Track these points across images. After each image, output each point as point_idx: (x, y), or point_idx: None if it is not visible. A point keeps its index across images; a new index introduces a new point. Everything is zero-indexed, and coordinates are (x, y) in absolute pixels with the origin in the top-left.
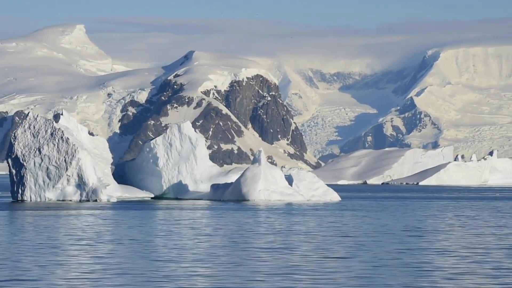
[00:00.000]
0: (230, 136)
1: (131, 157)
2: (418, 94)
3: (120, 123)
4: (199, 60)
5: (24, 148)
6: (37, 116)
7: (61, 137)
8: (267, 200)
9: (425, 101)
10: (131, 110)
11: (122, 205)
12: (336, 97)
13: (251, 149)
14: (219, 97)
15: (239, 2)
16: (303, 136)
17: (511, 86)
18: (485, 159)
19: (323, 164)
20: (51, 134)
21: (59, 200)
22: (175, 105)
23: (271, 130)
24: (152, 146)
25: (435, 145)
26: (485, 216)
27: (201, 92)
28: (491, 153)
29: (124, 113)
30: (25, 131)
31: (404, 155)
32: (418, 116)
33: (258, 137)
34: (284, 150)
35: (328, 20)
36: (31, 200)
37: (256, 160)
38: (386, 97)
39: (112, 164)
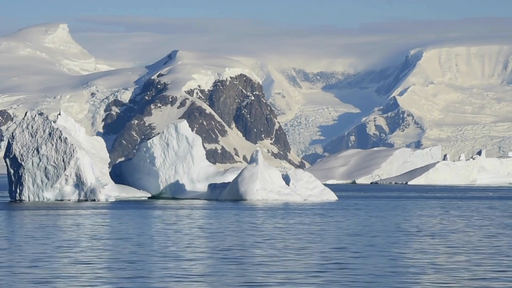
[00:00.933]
0: (213, 136)
1: (114, 157)
2: (401, 94)
3: (103, 122)
4: (182, 60)
5: (22, 148)
6: (35, 116)
7: (59, 137)
8: (265, 199)
9: (408, 101)
10: (115, 110)
11: (122, 205)
12: (319, 96)
13: (235, 149)
14: (202, 97)
15: (222, 1)
16: (287, 136)
17: (493, 85)
18: (473, 158)
19: (306, 163)
20: (49, 134)
21: (57, 200)
22: (158, 104)
23: (255, 130)
24: (149, 145)
25: (418, 145)
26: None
27: (185, 91)
28: (479, 153)
29: (107, 112)
30: (23, 131)
31: (393, 155)
32: (401, 115)
33: (242, 137)
34: (268, 150)
35: (311, 20)
36: (29, 200)
37: (253, 160)
38: (369, 96)
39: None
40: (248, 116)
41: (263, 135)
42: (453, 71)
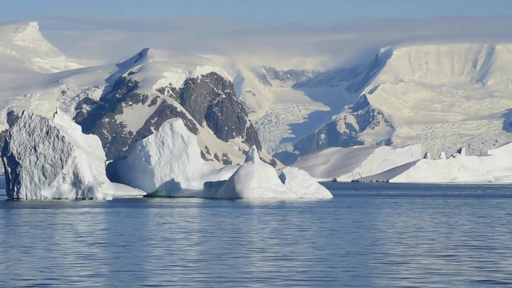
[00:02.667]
0: None
1: None
2: (371, 92)
3: (74, 120)
4: (153, 58)
5: (19, 147)
6: (32, 114)
7: (57, 136)
8: (261, 198)
9: (378, 99)
10: (86, 108)
11: (121, 203)
12: (290, 94)
13: (206, 147)
14: (173, 95)
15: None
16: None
17: (463, 83)
18: (454, 156)
19: (278, 161)
20: (47, 132)
21: (55, 198)
22: (129, 102)
23: (226, 128)
24: (144, 144)
25: (388, 143)
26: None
27: (156, 89)
28: (459, 151)
29: (78, 110)
30: (20, 129)
31: (373, 153)
32: (371, 113)
33: (213, 135)
34: (239, 148)
35: (281, 18)
36: (26, 198)
37: (249, 158)
38: (339, 94)
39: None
40: (219, 114)
41: (234, 133)
42: (423, 69)
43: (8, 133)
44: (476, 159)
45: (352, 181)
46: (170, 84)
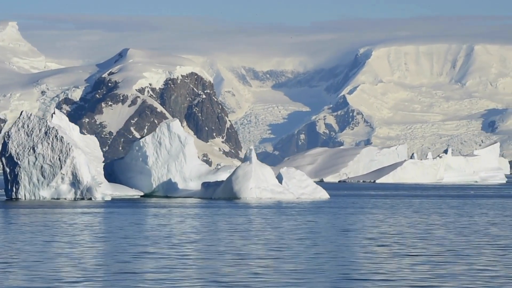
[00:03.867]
0: None
1: None
2: (350, 92)
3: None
4: (133, 58)
5: (18, 147)
6: (31, 115)
7: (55, 136)
8: (258, 198)
9: (358, 99)
10: (65, 108)
11: (120, 203)
12: (269, 95)
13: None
14: (154, 95)
15: None
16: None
17: (442, 84)
18: (440, 157)
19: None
20: (45, 133)
21: (54, 199)
22: (109, 103)
23: (206, 128)
24: (141, 144)
25: (367, 143)
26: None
27: (136, 90)
28: (445, 151)
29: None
30: (18, 130)
31: (360, 153)
32: (351, 114)
33: (193, 135)
34: (219, 148)
35: (261, 18)
36: (25, 199)
37: (247, 158)
38: (319, 95)
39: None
40: (200, 114)
41: (214, 134)
42: (402, 70)
43: (6, 133)
44: (462, 160)
45: (339, 181)
46: (150, 84)
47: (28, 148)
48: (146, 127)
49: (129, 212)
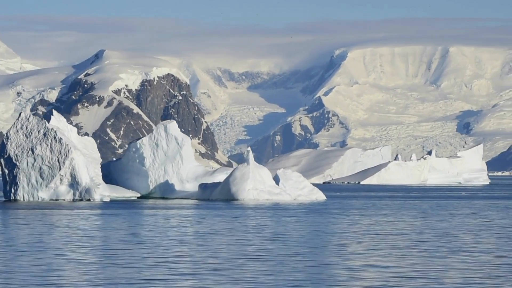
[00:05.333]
0: (141, 135)
1: None
2: (326, 94)
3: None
4: (109, 59)
5: (16, 148)
6: (29, 116)
7: (54, 137)
8: (256, 199)
9: (333, 101)
10: (41, 109)
11: (120, 204)
12: (245, 96)
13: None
14: (130, 96)
15: (146, 0)
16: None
17: (417, 86)
18: (424, 158)
19: (234, 163)
20: (44, 134)
21: (52, 200)
22: (85, 104)
23: (182, 130)
24: (138, 146)
25: (343, 145)
26: None
27: (112, 91)
28: (429, 153)
29: (34, 112)
30: (17, 131)
31: (344, 155)
32: (326, 115)
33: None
34: (195, 150)
35: (236, 19)
36: (24, 200)
37: (244, 160)
38: (294, 96)
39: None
40: (176, 115)
41: (190, 135)
42: (378, 72)
43: (5, 134)
44: (446, 161)
45: (324, 182)
46: (126, 85)
47: (27, 150)
48: (122, 128)
49: (136, 214)
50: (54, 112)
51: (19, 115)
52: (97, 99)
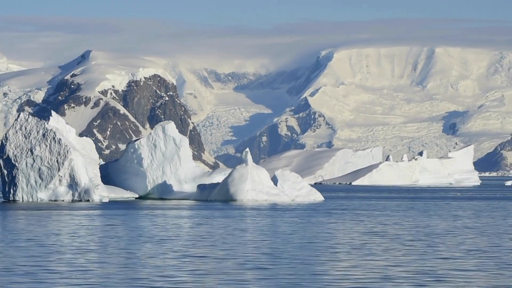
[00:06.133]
0: (128, 136)
1: None
2: (312, 94)
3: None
4: (96, 60)
5: (15, 149)
6: (28, 117)
7: (53, 138)
8: (254, 200)
9: (319, 101)
10: (28, 110)
11: (120, 205)
12: (231, 97)
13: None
14: (116, 97)
15: (132, 1)
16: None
17: (403, 86)
18: (415, 159)
19: (220, 164)
20: (43, 135)
21: (51, 200)
22: (72, 104)
23: None
24: (136, 147)
25: (329, 145)
26: None
27: (99, 91)
28: (420, 154)
29: (20, 112)
30: (16, 132)
31: (335, 155)
32: (313, 116)
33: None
34: None
35: (223, 20)
36: (23, 201)
37: (243, 161)
38: (281, 97)
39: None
40: (163, 116)
41: None
42: (364, 72)
43: (4, 135)
44: (437, 162)
45: (315, 183)
46: (113, 86)
47: (26, 150)
48: (109, 129)
49: (140, 215)
50: (53, 113)
51: (18, 115)
52: (84, 100)
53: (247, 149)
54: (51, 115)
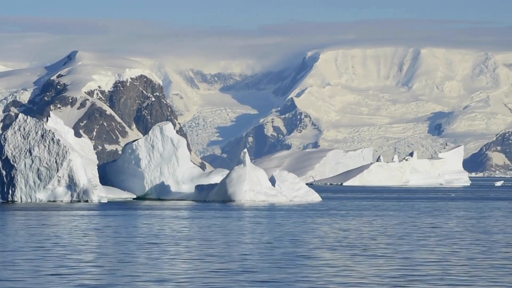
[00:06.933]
0: (114, 137)
1: None
2: (298, 95)
3: (2, 123)
4: (82, 60)
5: (14, 150)
6: (27, 118)
7: (52, 139)
8: (252, 200)
9: (305, 102)
10: (14, 111)
11: (119, 206)
12: (217, 97)
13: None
14: (103, 98)
15: (118, 2)
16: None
17: (389, 87)
18: (406, 160)
19: (207, 164)
20: (42, 135)
21: (50, 201)
22: (58, 105)
23: None
24: (134, 147)
25: (315, 146)
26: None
27: (85, 92)
28: (411, 154)
29: (6, 113)
30: (15, 132)
31: (326, 156)
32: (299, 117)
33: (143, 137)
34: None
35: (209, 21)
36: (21, 201)
37: (241, 161)
38: (267, 98)
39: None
40: (149, 117)
41: None
42: (350, 73)
43: (3, 136)
44: (428, 163)
45: (306, 184)
46: (99, 87)
47: (24, 151)
48: (96, 129)
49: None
50: (51, 113)
51: (17, 116)
52: (70, 101)
53: (245, 150)
54: (39, 115)
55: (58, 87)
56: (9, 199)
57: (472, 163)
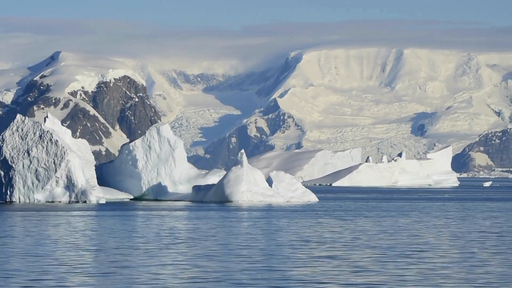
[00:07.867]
0: (98, 137)
1: None
2: (281, 96)
3: None
4: (65, 61)
5: (12, 150)
6: (25, 118)
7: (50, 139)
8: (250, 201)
9: (288, 103)
10: None
11: (118, 206)
12: (200, 98)
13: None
14: (86, 98)
15: (102, 2)
16: None
17: (372, 88)
18: (395, 160)
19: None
20: (40, 136)
21: (48, 202)
22: (41, 106)
23: (139, 131)
24: (131, 148)
25: (298, 146)
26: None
27: (68, 93)
28: (400, 155)
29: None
30: (13, 133)
31: (315, 157)
32: (282, 117)
33: (126, 138)
34: None
35: (192, 21)
36: (19, 202)
37: (238, 162)
38: (250, 98)
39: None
40: (132, 117)
41: None
42: (333, 74)
43: (1, 136)
44: (416, 163)
45: None
46: (82, 87)
47: (22, 152)
48: (79, 130)
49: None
50: (49, 114)
51: (15, 117)
52: (53, 101)
53: (242, 151)
54: (23, 115)
55: (41, 87)
56: (7, 200)
57: (455, 164)
